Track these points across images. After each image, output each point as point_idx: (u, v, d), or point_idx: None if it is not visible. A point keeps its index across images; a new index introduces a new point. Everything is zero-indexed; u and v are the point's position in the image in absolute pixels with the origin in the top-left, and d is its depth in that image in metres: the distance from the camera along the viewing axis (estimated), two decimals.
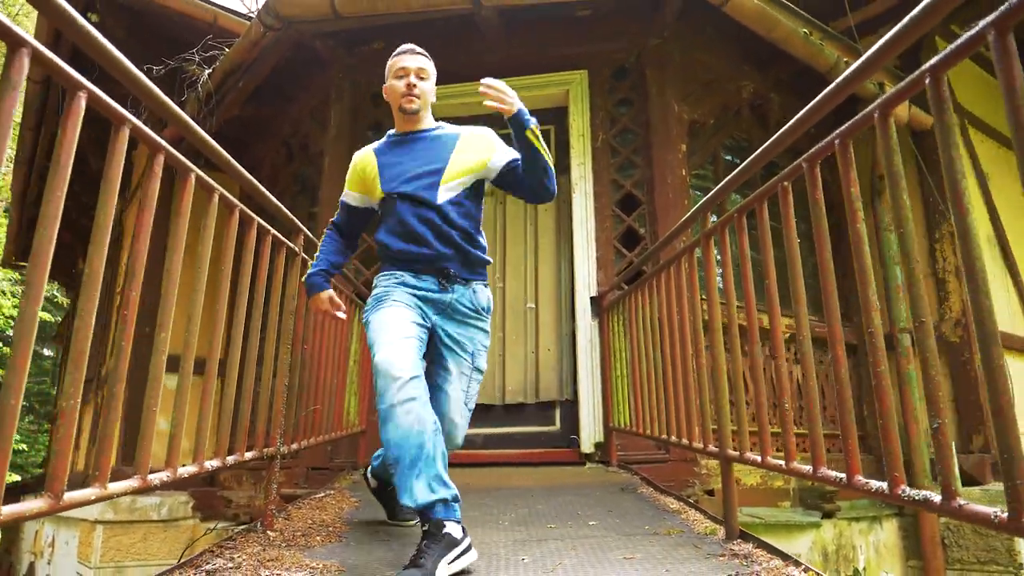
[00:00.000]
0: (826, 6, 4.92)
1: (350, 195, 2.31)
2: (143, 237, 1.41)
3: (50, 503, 1.11)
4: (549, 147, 4.55)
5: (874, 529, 4.46)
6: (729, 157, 4.84)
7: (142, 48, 5.38)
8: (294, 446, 2.33)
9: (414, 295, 2.07)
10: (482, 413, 4.02)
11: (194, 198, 1.62)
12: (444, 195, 2.13)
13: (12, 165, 7.42)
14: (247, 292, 1.96)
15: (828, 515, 4.14)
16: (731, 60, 4.69)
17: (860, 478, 1.40)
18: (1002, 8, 0.99)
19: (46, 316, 11.99)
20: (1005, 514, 1.00)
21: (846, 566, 4.23)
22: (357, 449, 3.83)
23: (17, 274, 10.80)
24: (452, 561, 1.69)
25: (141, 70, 1.38)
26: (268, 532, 2.04)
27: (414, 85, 2.18)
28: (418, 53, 2.25)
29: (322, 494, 2.79)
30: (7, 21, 1.02)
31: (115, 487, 1.32)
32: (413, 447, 1.73)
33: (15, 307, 10.45)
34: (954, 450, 4.54)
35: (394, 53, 2.27)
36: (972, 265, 1.08)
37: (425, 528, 1.73)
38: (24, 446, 11.46)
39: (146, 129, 1.39)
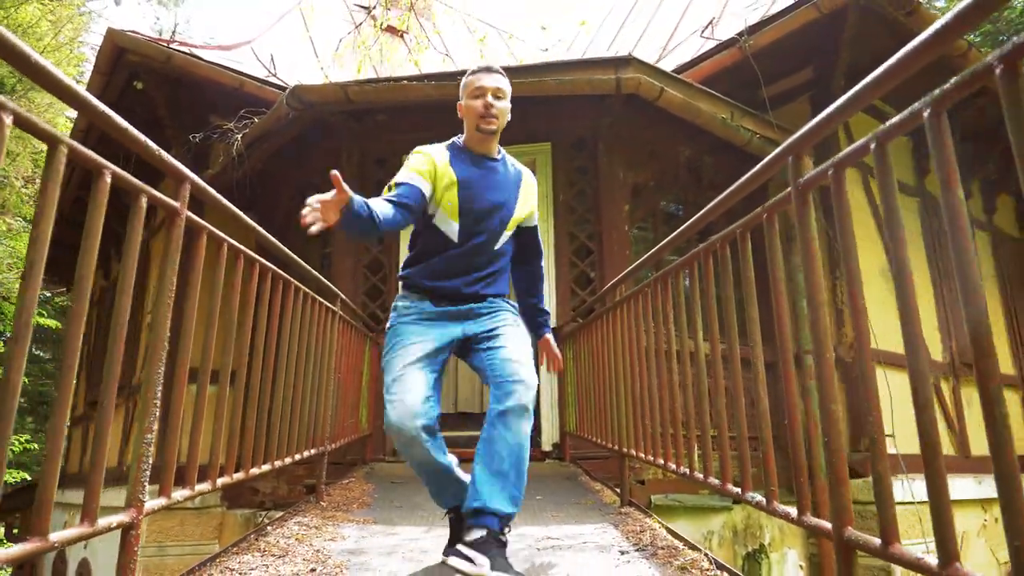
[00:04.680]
0: (746, 80, 5.98)
1: (425, 185, 2.11)
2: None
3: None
4: None
5: None
6: (669, 210, 5.91)
7: (178, 110, 6.38)
8: (334, 445, 3.34)
9: (431, 321, 2.11)
10: (470, 419, 5.05)
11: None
12: (501, 242, 2.17)
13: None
14: (305, 340, 2.95)
15: (738, 500, 5.20)
16: (670, 131, 5.73)
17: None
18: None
19: (52, 323, 12.85)
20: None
21: (753, 541, 5.32)
22: (364, 447, 4.84)
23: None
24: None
25: (179, 129, 2.12)
26: (321, 503, 3.06)
27: (491, 105, 2.15)
28: (495, 72, 2.21)
29: (346, 480, 3.80)
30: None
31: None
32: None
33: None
34: (846, 460, 5.62)
35: (470, 71, 2.23)
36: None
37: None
38: (35, 445, 12.30)
39: (236, 244, 2.35)
